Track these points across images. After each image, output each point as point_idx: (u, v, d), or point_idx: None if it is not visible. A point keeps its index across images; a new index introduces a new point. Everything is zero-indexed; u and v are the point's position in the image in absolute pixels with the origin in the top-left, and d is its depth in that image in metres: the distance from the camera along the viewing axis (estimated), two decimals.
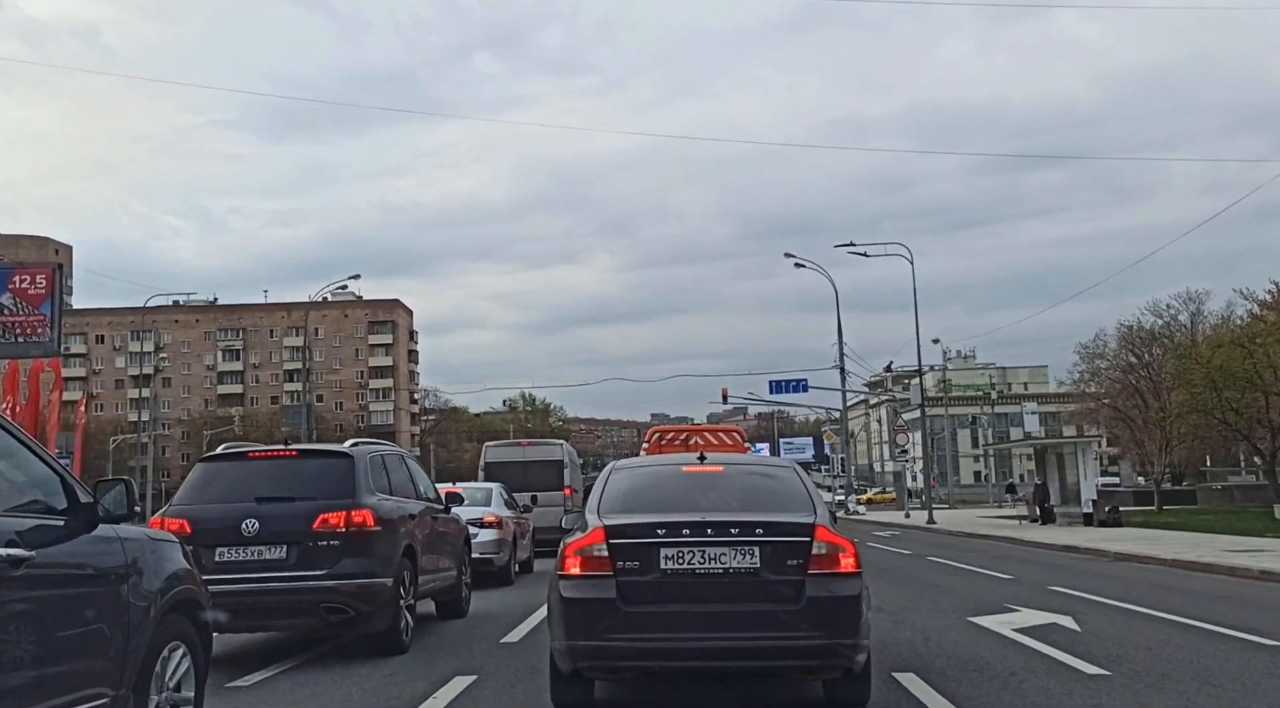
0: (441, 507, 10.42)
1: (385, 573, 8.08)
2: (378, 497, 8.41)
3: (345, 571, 7.80)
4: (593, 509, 5.98)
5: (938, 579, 14.99)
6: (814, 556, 5.43)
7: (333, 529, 7.85)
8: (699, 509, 5.78)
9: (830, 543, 5.49)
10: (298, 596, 7.71)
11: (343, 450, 8.61)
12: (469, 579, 11.27)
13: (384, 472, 8.91)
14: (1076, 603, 11.30)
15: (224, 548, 7.79)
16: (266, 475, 8.23)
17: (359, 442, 9.18)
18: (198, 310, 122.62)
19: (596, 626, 5.36)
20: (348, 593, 7.80)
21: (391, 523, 8.44)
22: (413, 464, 10.18)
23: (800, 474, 6.41)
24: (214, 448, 10.08)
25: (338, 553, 7.83)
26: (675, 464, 6.76)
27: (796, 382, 48.03)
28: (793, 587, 5.36)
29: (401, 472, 9.54)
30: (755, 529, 5.48)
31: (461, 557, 10.87)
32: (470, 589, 11.31)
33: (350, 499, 8.04)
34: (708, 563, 5.39)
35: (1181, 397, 38.12)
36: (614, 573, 5.41)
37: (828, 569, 5.42)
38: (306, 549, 7.80)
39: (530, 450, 23.66)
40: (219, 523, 7.85)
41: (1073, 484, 32.88)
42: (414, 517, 9.05)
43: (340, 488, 8.13)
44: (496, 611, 11.53)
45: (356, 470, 8.31)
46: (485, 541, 14.50)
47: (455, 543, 10.66)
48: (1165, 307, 45.60)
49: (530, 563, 17.67)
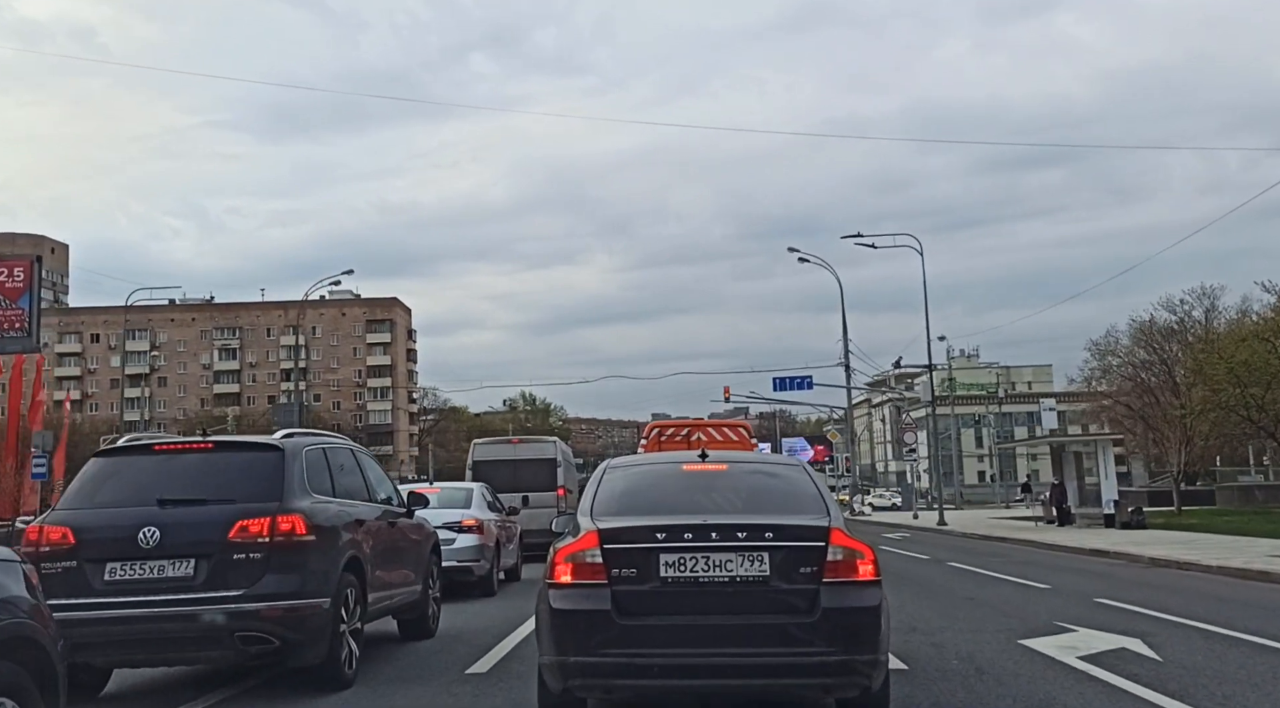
0: (403, 510, 8.96)
1: (321, 592, 6.60)
2: (314, 499, 6.93)
3: (269, 590, 6.33)
4: (585, 511, 5.55)
5: (968, 590, 13.49)
6: (829, 562, 5.03)
7: (253, 539, 6.38)
8: (701, 511, 5.37)
9: (847, 548, 5.08)
10: (207, 622, 6.22)
11: (270, 442, 7.12)
12: (438, 593, 9.80)
13: (325, 469, 7.43)
14: (1138, 621, 9.82)
15: (116, 563, 6.30)
16: (174, 473, 6.73)
17: (294, 432, 7.69)
18: (194, 309, 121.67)
19: (589, 640, 4.95)
20: (271, 618, 6.32)
21: (331, 531, 6.96)
22: (366, 460, 8.68)
23: (810, 473, 6.01)
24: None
25: (260, 568, 6.35)
26: (675, 462, 6.30)
27: (801, 378, 46.53)
28: (806, 597, 4.97)
29: (350, 469, 8.05)
30: (764, 533, 5.06)
31: (428, 568, 9.39)
32: (439, 605, 9.84)
33: (278, 502, 6.57)
34: (712, 571, 4.99)
35: (1202, 393, 36.71)
36: (608, 582, 5.02)
37: (844, 577, 5.02)
38: (220, 564, 6.32)
39: (521, 448, 22.19)
40: (110, 532, 6.36)
41: (1091, 485, 31.46)
42: (363, 523, 7.57)
43: (266, 488, 6.66)
44: (471, 628, 10.08)
45: (287, 467, 6.84)
46: (464, 547, 13.04)
47: (419, 552, 9.19)
48: (1179, 302, 44.23)
49: (517, 570, 16.20)
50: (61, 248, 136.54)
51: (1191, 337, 42.51)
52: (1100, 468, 29.94)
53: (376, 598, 7.75)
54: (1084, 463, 32.18)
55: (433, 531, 9.86)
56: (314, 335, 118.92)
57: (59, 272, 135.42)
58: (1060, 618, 9.94)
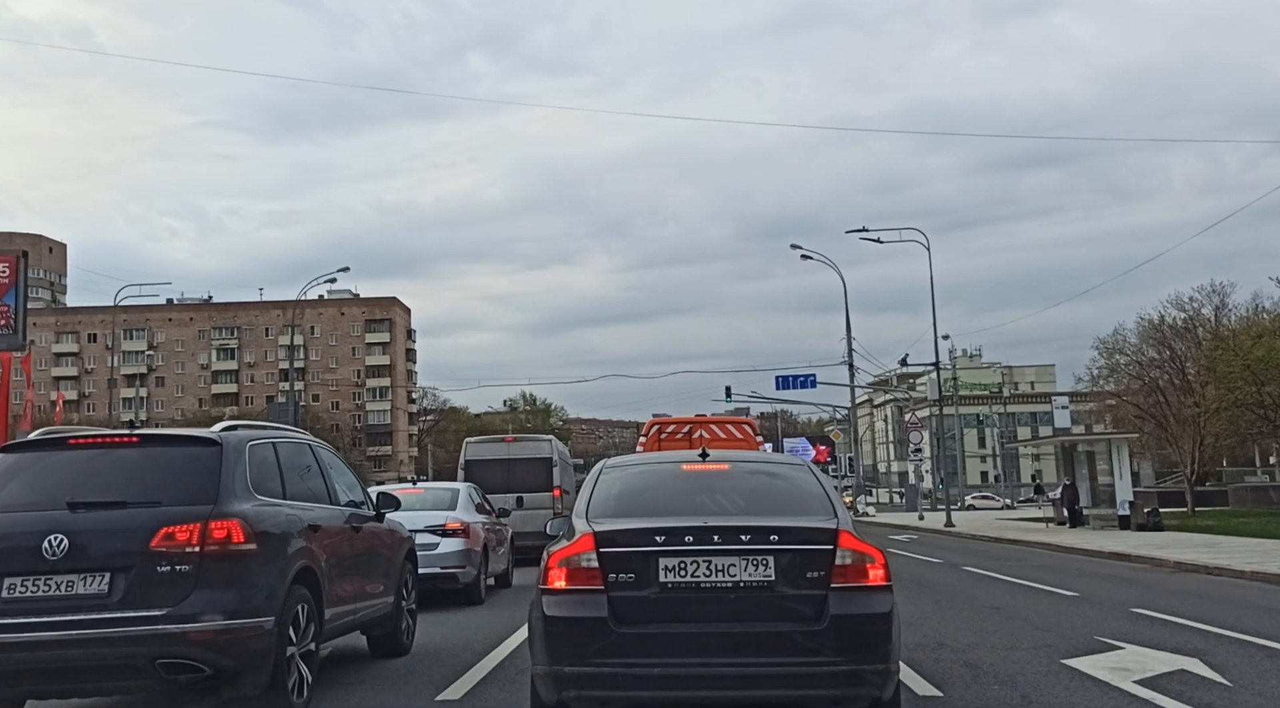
0: (371, 514, 8.02)
1: (263, 609, 5.66)
2: (258, 501, 5.99)
3: (198, 609, 5.38)
4: (580, 513, 5.32)
5: (992, 598, 12.52)
6: (838, 567, 4.82)
7: (181, 548, 5.43)
8: (702, 513, 5.16)
9: (856, 552, 4.87)
10: (124, 648, 5.28)
11: (206, 436, 6.16)
12: (414, 604, 8.86)
13: (274, 467, 6.49)
14: (1188, 636, 8.87)
15: (15, 578, 5.34)
16: (91, 472, 5.77)
17: (239, 424, 6.72)
18: (192, 309, 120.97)
19: (585, 649, 4.74)
20: (201, 642, 5.37)
21: (278, 538, 6.02)
22: (327, 456, 7.70)
23: (816, 473, 5.79)
24: None
25: (188, 583, 5.41)
26: (674, 462, 6.07)
27: (805, 377, 45.56)
28: (813, 603, 4.77)
29: (307, 467, 7.11)
30: (769, 536, 4.84)
31: (401, 577, 8.45)
32: (415, 618, 8.89)
33: (211, 505, 5.63)
34: (714, 576, 4.79)
35: (1216, 391, 35.74)
36: (605, 587, 4.80)
37: (854, 583, 4.82)
38: (140, 578, 5.38)
39: (515, 447, 21.22)
40: (9, 541, 5.40)
41: (1104, 485, 30.50)
42: (318, 528, 6.62)
43: (199, 489, 5.72)
44: (451, 643, 9.16)
45: (226, 464, 5.90)
46: (448, 552, 12.11)
47: (390, 560, 8.24)
48: (1189, 299, 43.21)
49: (508, 575, 15.25)
50: (59, 247, 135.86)
51: (1204, 331, 41.49)
52: (1115, 468, 28.97)
53: (336, 614, 6.81)
54: (1096, 463, 31.24)
55: (407, 536, 8.90)
56: (313, 335, 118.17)
57: (57, 271, 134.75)
58: (1101, 632, 9.00)
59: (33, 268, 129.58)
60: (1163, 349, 42.09)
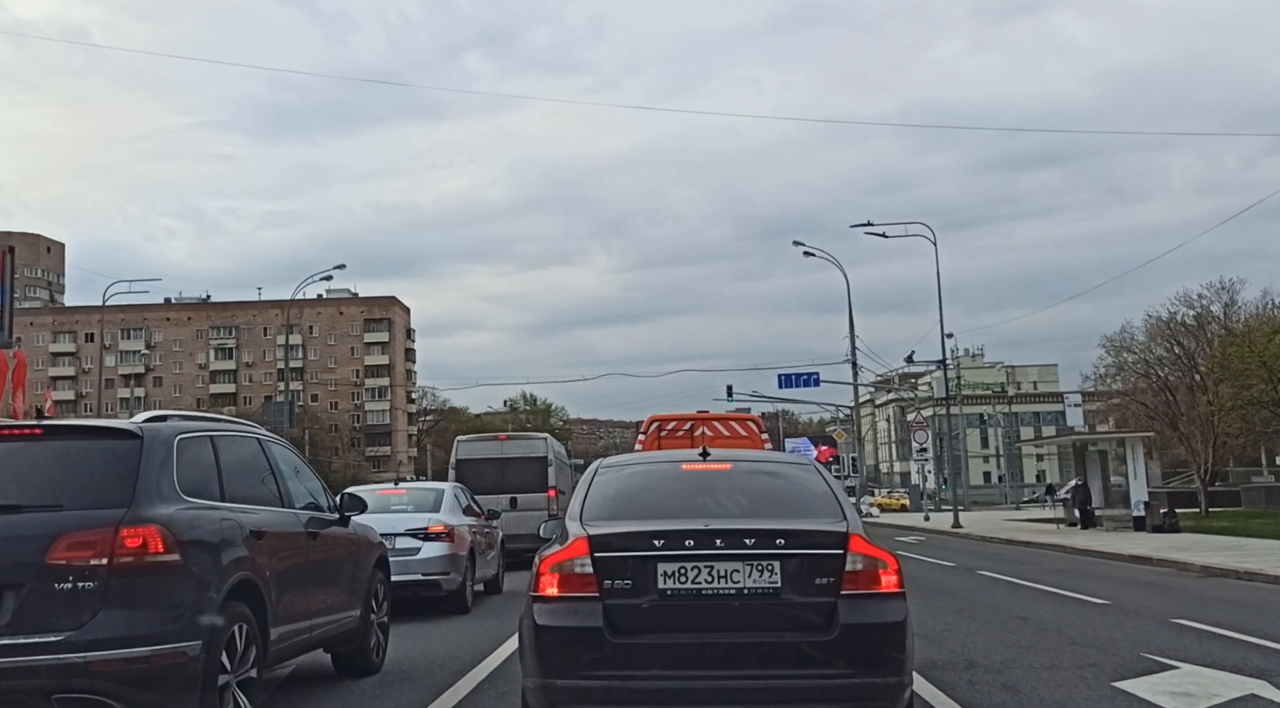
0: (334, 517, 7.15)
1: (187, 632, 4.79)
2: (186, 504, 5.12)
3: (104, 633, 4.53)
4: (574, 516, 5.09)
5: (1017, 606, 11.63)
6: (848, 572, 4.59)
7: (84, 561, 4.57)
8: (703, 515, 4.96)
9: (868, 556, 4.65)
10: (13, 680, 4.42)
11: (123, 427, 5.29)
12: (385, 616, 7.98)
13: (212, 464, 5.62)
14: (1246, 652, 7.98)
15: None
16: None
17: (170, 414, 5.83)
18: (190, 308, 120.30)
19: (578, 661, 4.51)
20: (108, 672, 4.51)
21: (209, 547, 5.16)
22: (282, 452, 6.82)
23: (823, 473, 5.57)
24: None
25: (93, 602, 4.55)
26: (673, 461, 5.88)
27: (808, 375, 44.68)
28: (822, 612, 4.54)
29: (253, 464, 6.24)
30: (775, 540, 4.62)
31: (370, 587, 7.58)
32: (387, 632, 8.02)
33: (125, 508, 4.76)
34: (716, 582, 4.58)
35: (1230, 389, 34.84)
36: (600, 595, 4.57)
37: (865, 589, 4.60)
38: (34, 597, 4.53)
39: (509, 446, 20.35)
40: None
41: (1117, 485, 29.61)
42: (263, 535, 5.75)
43: (111, 490, 4.86)
44: (429, 659, 8.32)
45: (146, 461, 5.03)
46: (431, 557, 11.24)
47: (356, 569, 7.38)
48: (1197, 296, 42.28)
49: (498, 581, 14.37)
50: (58, 247, 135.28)
51: (1216, 327, 40.59)
52: (1130, 467, 28.07)
53: (287, 632, 5.94)
54: (1109, 462, 30.34)
55: (377, 541, 8.02)
56: (311, 335, 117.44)
57: (55, 271, 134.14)
58: (1147, 648, 8.13)
59: (30, 267, 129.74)
60: (1173, 346, 41.23)
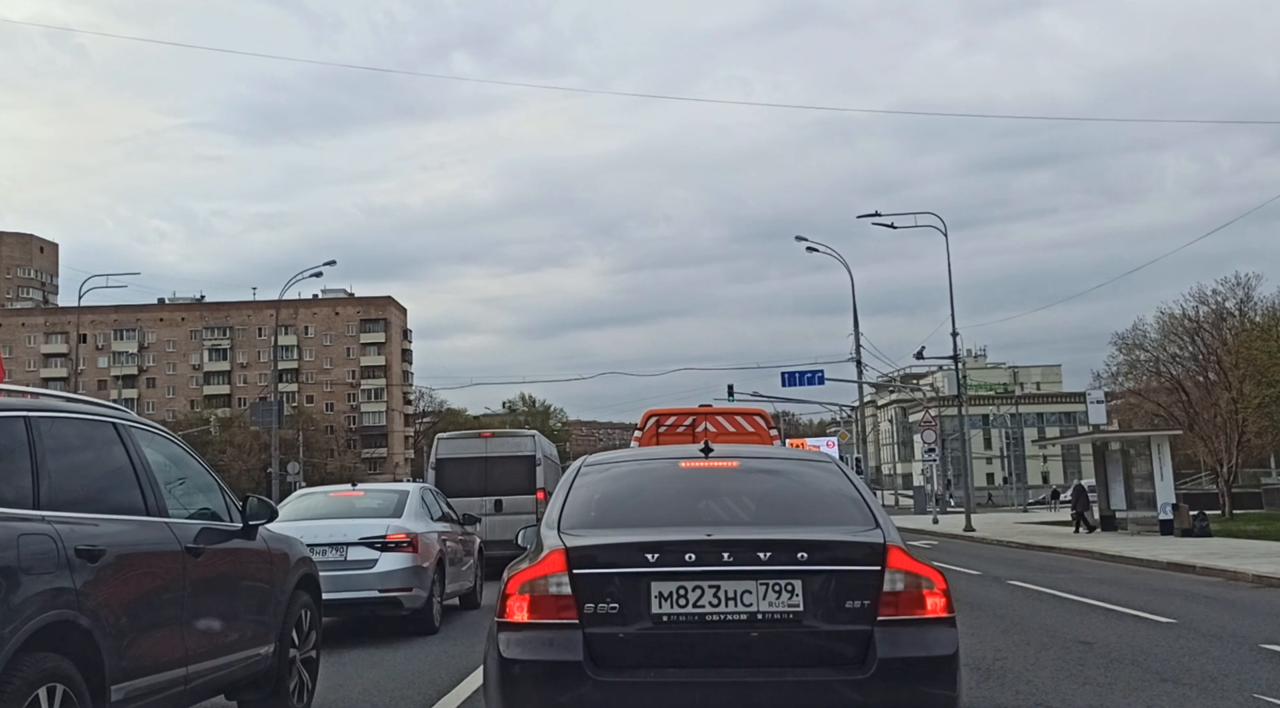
0: (235, 528, 5.58)
1: None
2: None
3: None
4: (550, 523, 4.28)
5: (1070, 626, 10.02)
6: (887, 594, 3.77)
7: None
8: (706, 523, 4.21)
9: (910, 574, 3.83)
10: None
11: None
12: (313, 650, 6.41)
13: (25, 456, 4.02)
14: None
15: None
16: None
17: None
18: (183, 309, 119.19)
19: (553, 702, 3.72)
20: None
21: (3, 575, 3.60)
22: (153, 441, 5.17)
23: (847, 472, 4.68)
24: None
25: None
26: (670, 458, 4.99)
27: (813, 373, 43.16)
28: (855, 642, 3.74)
29: (99, 459, 4.64)
30: (795, 553, 3.80)
31: (288, 614, 6.01)
32: (314, 669, 6.44)
33: None
34: (723, 605, 3.76)
35: (1254, 386, 33.37)
36: (580, 621, 3.76)
37: (907, 614, 3.76)
38: None
39: (494, 444, 18.78)
40: None
41: (1141, 487, 28.08)
42: (100, 554, 4.15)
43: None
44: (371, 698, 6.83)
45: None
46: (389, 571, 9.68)
47: (268, 592, 5.80)
48: (1211, 292, 40.84)
49: (476, 594, 12.80)
50: (51, 247, 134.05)
51: (1234, 322, 39.13)
52: (1155, 468, 26.56)
53: (142, 689, 4.34)
54: (1131, 462, 28.83)
55: (301, 556, 6.42)
56: (307, 335, 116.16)
57: (48, 271, 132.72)
58: (1256, 687, 6.56)
59: (23, 267, 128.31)
60: (1189, 343, 39.79)
